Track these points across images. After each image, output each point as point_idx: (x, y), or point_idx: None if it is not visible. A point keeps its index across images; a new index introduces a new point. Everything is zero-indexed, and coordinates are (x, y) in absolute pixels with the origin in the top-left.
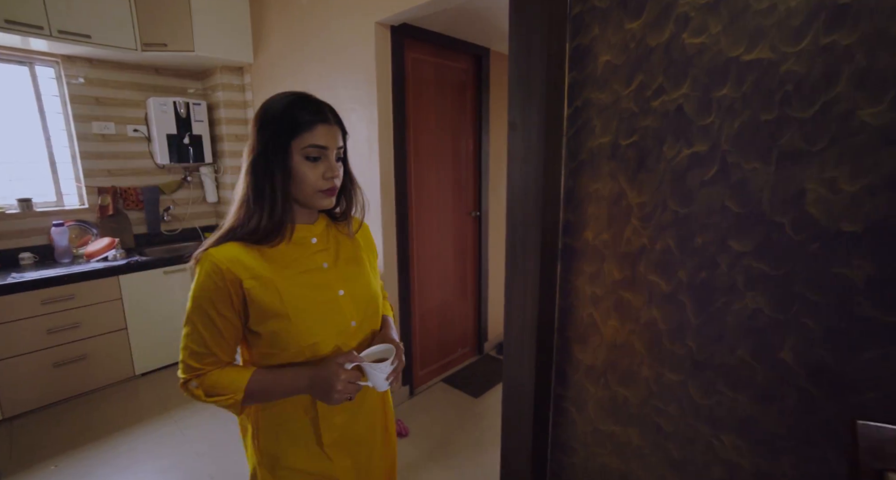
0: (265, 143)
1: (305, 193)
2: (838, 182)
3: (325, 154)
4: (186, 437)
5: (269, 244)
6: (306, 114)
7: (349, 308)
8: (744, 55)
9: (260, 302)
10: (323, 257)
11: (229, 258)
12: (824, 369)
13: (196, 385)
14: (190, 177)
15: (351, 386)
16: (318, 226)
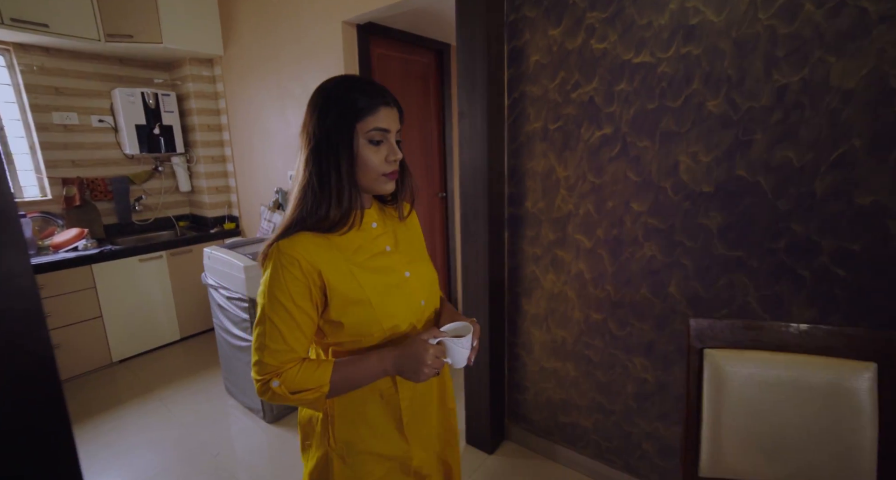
0: (328, 128)
1: (369, 177)
2: (698, 155)
3: (387, 137)
4: (173, 412)
5: (339, 232)
6: (369, 96)
7: (416, 287)
8: (633, 58)
9: (341, 291)
10: (384, 241)
11: (305, 248)
12: (697, 296)
13: (278, 383)
14: (161, 167)
15: (437, 361)
16: (374, 210)
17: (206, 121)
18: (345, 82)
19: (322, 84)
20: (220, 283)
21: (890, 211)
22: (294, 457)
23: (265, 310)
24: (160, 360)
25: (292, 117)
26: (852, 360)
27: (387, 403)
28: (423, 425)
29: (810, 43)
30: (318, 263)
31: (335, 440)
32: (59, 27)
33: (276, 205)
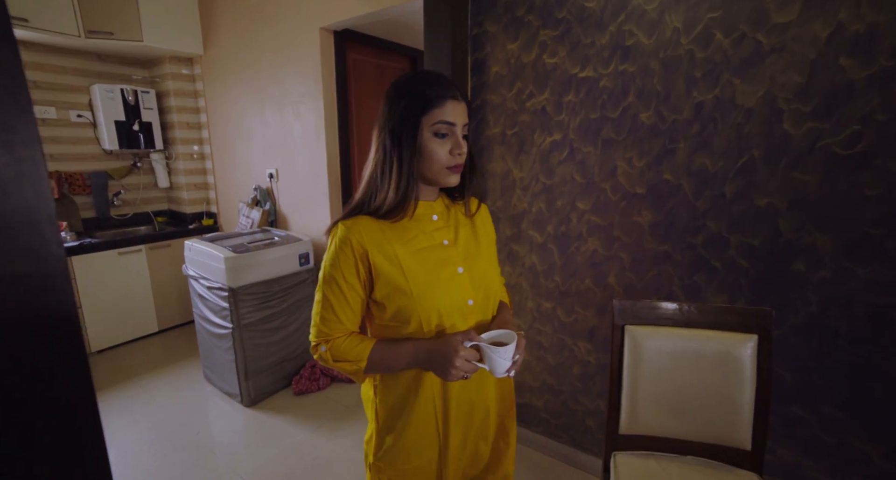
0: (395, 120)
1: (433, 170)
2: (633, 160)
3: (452, 130)
4: (153, 397)
5: (393, 219)
6: (437, 90)
7: (467, 286)
8: (579, 73)
9: (385, 275)
10: (443, 234)
11: (358, 230)
12: (632, 285)
13: (325, 349)
14: (140, 163)
15: (468, 365)
16: (439, 203)
17: (186, 119)
18: (416, 76)
19: (397, 78)
20: (200, 274)
21: (780, 211)
22: (270, 436)
23: (321, 282)
24: (138, 351)
25: (271, 117)
26: (739, 333)
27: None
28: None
29: (720, 66)
30: (367, 245)
31: (378, 421)
32: (39, 22)
33: (254, 202)
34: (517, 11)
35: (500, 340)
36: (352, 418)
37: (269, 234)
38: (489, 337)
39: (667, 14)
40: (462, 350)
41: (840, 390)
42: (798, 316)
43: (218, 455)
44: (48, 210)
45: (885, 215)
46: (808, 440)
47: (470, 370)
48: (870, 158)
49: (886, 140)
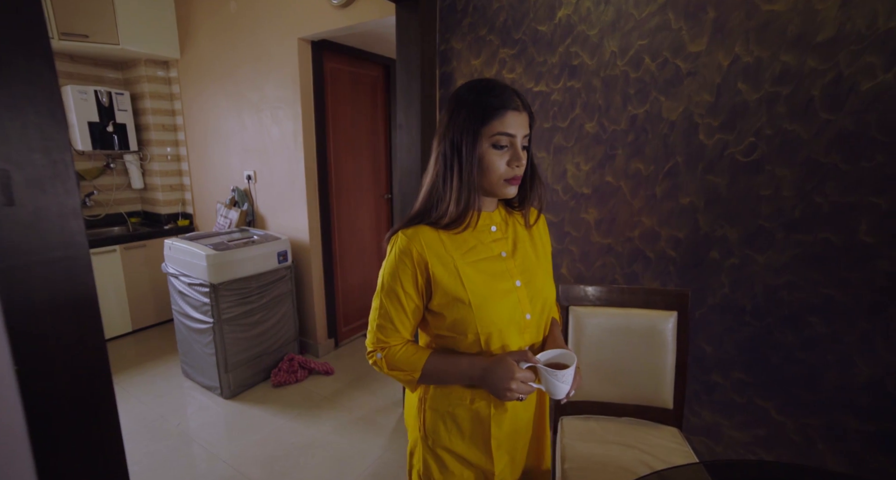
0: (455, 130)
1: (490, 181)
2: (580, 164)
3: (512, 142)
4: (131, 393)
5: (455, 230)
6: (497, 100)
7: (525, 300)
8: (534, 87)
9: (444, 286)
10: (501, 246)
11: (418, 239)
12: (581, 275)
13: (381, 356)
14: (113, 164)
15: (524, 387)
16: (497, 214)
17: (161, 121)
18: (477, 86)
19: (458, 87)
20: (180, 271)
21: (699, 208)
22: (250, 425)
23: (379, 289)
24: (113, 351)
25: (249, 121)
26: (663, 310)
27: (479, 414)
28: (519, 442)
29: (649, 85)
30: (427, 255)
31: (425, 430)
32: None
33: (232, 202)
34: (480, 31)
35: (559, 361)
36: (329, 407)
37: (247, 234)
38: (547, 358)
39: (606, 39)
40: (518, 371)
41: (746, 357)
42: (715, 296)
43: (198, 444)
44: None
45: (775, 211)
46: (725, 402)
47: (526, 392)
48: (763, 165)
49: (773, 150)
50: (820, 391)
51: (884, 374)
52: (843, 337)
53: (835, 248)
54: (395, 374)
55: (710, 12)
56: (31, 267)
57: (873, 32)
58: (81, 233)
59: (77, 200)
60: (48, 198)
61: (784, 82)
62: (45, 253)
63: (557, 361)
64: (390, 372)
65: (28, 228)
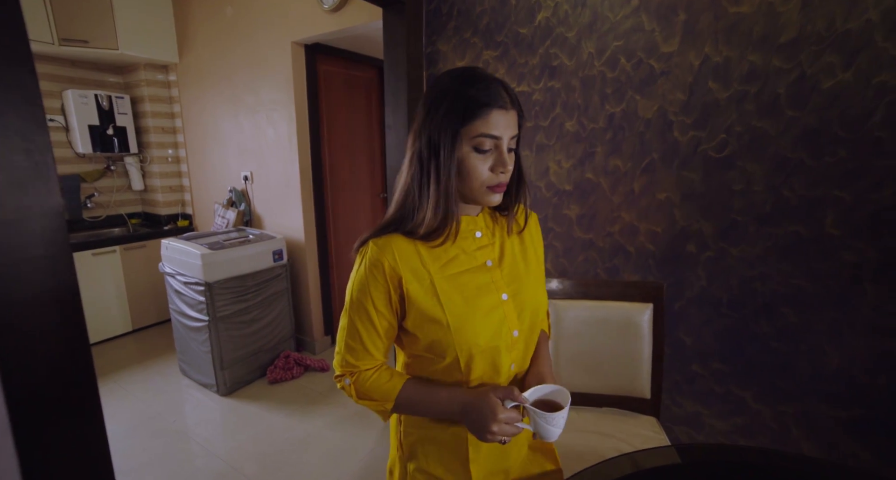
0: (432, 127)
1: (471, 188)
2: (562, 162)
3: (497, 145)
4: (128, 391)
5: (433, 242)
6: (482, 95)
7: (512, 315)
8: (517, 87)
9: (419, 305)
10: (487, 254)
11: (391, 250)
12: (565, 270)
13: (349, 382)
14: (114, 166)
15: (508, 429)
16: (481, 218)
17: (161, 124)
18: (459, 76)
19: (440, 75)
20: (177, 271)
21: (675, 203)
22: (245, 421)
23: (347, 307)
24: (113, 350)
25: (245, 123)
26: (639, 302)
27: (456, 440)
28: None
29: (625, 85)
30: (401, 269)
31: (401, 447)
32: None
33: (229, 203)
34: (464, 34)
35: (551, 399)
36: (324, 402)
37: (243, 233)
38: (537, 397)
39: (583, 41)
40: (502, 411)
41: (724, 348)
42: (693, 289)
43: (194, 439)
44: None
45: (747, 205)
46: (704, 392)
47: (510, 434)
48: (734, 160)
49: (743, 146)
50: (793, 379)
51: (851, 362)
52: (814, 326)
53: (803, 241)
54: (366, 403)
55: (680, 14)
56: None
57: (832, 33)
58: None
59: (58, 200)
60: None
61: (751, 81)
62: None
63: (549, 399)
64: (360, 400)
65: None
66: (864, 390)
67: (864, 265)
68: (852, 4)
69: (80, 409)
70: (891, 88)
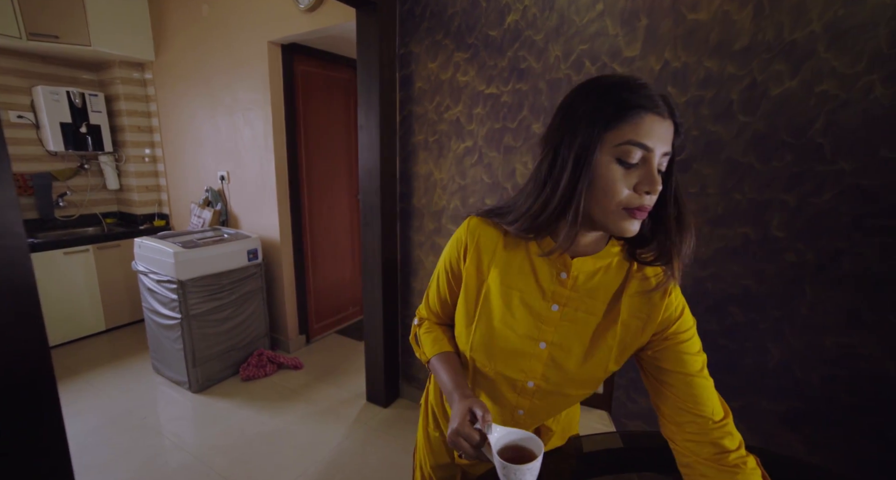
0: (566, 132)
1: (603, 207)
2: (528, 163)
3: (647, 158)
4: (99, 389)
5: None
6: (634, 98)
7: (538, 367)
8: (485, 90)
9: (465, 288)
10: (560, 298)
11: (480, 234)
12: None
13: (417, 323)
14: (87, 165)
15: (463, 444)
16: (591, 262)
17: (137, 123)
18: (608, 78)
19: (583, 81)
20: (150, 269)
21: None
22: (216, 416)
23: (437, 270)
24: (85, 349)
25: (222, 123)
26: None
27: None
28: None
29: None
30: (472, 253)
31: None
32: None
33: (205, 203)
34: (436, 36)
35: (523, 445)
36: (296, 399)
37: (219, 232)
38: (509, 439)
39: (550, 44)
40: (465, 425)
41: None
42: None
43: (163, 436)
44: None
45: (701, 208)
46: None
47: (465, 451)
48: (690, 163)
49: (699, 150)
50: (738, 375)
51: (791, 358)
52: (759, 324)
53: (751, 242)
54: (416, 349)
55: (642, 19)
56: None
57: (780, 43)
58: (19, 223)
59: (12, 193)
60: None
61: (707, 86)
62: None
63: (520, 444)
64: (414, 344)
65: None
66: (800, 385)
67: (804, 266)
68: (798, 15)
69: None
70: (831, 97)
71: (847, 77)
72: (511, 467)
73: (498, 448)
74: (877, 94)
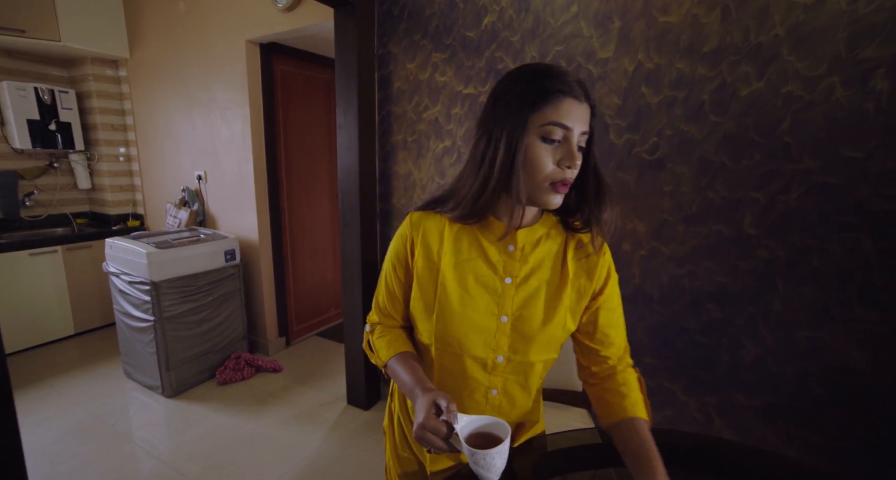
0: (498, 116)
1: (531, 183)
2: None
3: (567, 136)
4: (65, 395)
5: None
6: (554, 83)
7: (503, 340)
8: (463, 90)
9: (417, 282)
10: (511, 270)
11: (424, 226)
12: None
13: (369, 329)
14: (58, 164)
15: (431, 438)
16: (532, 232)
17: (110, 121)
18: (531, 67)
19: (510, 70)
20: (122, 270)
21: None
22: (190, 422)
23: (384, 264)
24: (52, 354)
25: (199, 121)
26: None
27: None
28: None
29: None
30: (419, 246)
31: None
32: None
33: (182, 203)
34: (414, 36)
35: (489, 431)
36: (274, 402)
37: (195, 233)
38: (474, 427)
39: (526, 45)
40: (430, 419)
41: (655, 343)
42: (628, 287)
43: (133, 443)
44: None
45: (676, 206)
46: None
47: (434, 445)
48: (664, 162)
49: (673, 149)
50: (716, 371)
51: (765, 353)
52: (734, 320)
53: (726, 240)
54: (371, 355)
55: (616, 22)
56: None
57: (747, 45)
58: None
59: None
60: None
61: (679, 87)
62: None
63: (486, 431)
64: (366, 349)
65: None
66: (774, 379)
67: (776, 262)
68: (763, 19)
69: None
70: (796, 98)
71: (810, 79)
72: (480, 453)
73: (464, 435)
74: (837, 96)
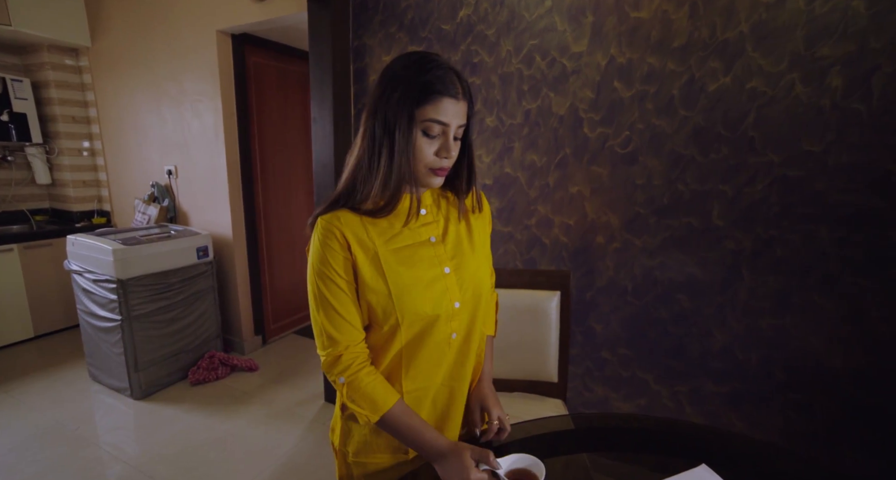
0: (388, 108)
1: (416, 169)
2: (482, 157)
3: (444, 131)
4: (23, 400)
5: (378, 216)
6: (435, 83)
7: (454, 287)
8: None
9: (362, 274)
10: (431, 230)
11: (341, 225)
12: (531, 262)
13: (343, 380)
14: (11, 157)
15: None
16: (429, 196)
17: (71, 113)
18: (418, 63)
19: (396, 58)
20: (85, 268)
21: (586, 196)
22: (160, 424)
23: (318, 288)
24: (9, 358)
25: (168, 114)
26: (547, 290)
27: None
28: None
29: (540, 82)
30: (350, 238)
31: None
32: None
33: (151, 198)
34: (390, 29)
35: (524, 467)
36: (249, 402)
37: (165, 229)
38: (510, 466)
39: (502, 39)
40: (474, 472)
41: (629, 334)
42: (602, 279)
43: (98, 447)
44: None
45: (648, 199)
46: (613, 377)
47: None
48: (636, 156)
49: (644, 143)
50: (686, 360)
51: (732, 341)
52: (704, 310)
53: (695, 231)
54: (354, 408)
55: (589, 16)
56: None
57: (714, 41)
58: None
59: None
60: None
61: (650, 82)
62: None
63: (522, 467)
64: (349, 403)
65: None
66: (740, 366)
67: (742, 253)
68: (729, 16)
69: None
70: (760, 94)
71: (772, 75)
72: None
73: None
74: (797, 92)
